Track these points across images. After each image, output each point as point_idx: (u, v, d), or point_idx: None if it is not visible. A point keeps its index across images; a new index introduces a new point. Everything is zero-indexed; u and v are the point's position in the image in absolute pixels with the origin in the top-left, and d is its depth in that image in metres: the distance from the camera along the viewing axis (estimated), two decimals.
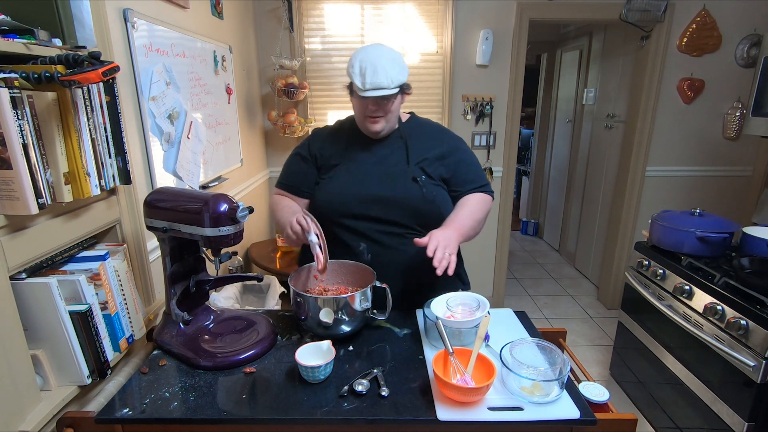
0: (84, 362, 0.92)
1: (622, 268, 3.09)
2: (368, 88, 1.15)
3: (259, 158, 2.77)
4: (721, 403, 1.56)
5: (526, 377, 0.87)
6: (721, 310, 1.55)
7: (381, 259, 1.24)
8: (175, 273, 1.08)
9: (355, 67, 1.17)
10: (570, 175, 4.01)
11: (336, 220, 1.24)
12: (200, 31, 1.85)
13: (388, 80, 1.15)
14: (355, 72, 1.17)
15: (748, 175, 2.92)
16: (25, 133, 0.77)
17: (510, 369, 0.89)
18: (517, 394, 0.89)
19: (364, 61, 1.16)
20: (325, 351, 0.97)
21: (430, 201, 1.24)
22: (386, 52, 1.19)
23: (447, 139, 1.34)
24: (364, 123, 1.25)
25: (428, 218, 1.24)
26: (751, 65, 2.70)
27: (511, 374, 0.89)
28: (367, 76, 1.15)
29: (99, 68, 0.81)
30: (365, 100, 1.19)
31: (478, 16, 2.70)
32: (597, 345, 2.78)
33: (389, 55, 1.18)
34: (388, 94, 1.16)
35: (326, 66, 2.79)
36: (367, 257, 1.24)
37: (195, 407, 0.87)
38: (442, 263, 1.03)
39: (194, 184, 1.70)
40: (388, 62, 1.17)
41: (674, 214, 1.93)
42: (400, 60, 1.20)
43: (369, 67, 1.16)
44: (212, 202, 0.96)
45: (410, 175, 1.24)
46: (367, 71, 1.15)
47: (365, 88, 1.15)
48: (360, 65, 1.16)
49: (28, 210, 0.78)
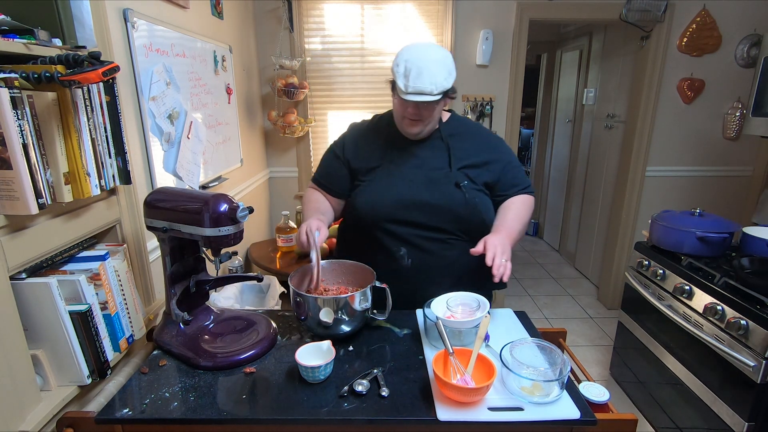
0: (84, 362, 0.92)
1: (622, 268, 3.09)
2: (410, 91, 1.10)
3: (259, 158, 2.77)
4: (721, 403, 1.56)
5: (526, 377, 0.87)
6: (721, 310, 1.55)
7: (422, 264, 1.23)
8: (175, 273, 1.08)
9: (401, 66, 1.11)
10: (570, 175, 4.01)
11: (377, 225, 1.23)
12: (200, 31, 1.85)
13: (432, 86, 1.09)
14: (400, 72, 1.11)
15: (748, 175, 2.92)
16: (25, 133, 0.77)
17: (510, 369, 0.89)
18: (517, 394, 0.89)
19: (410, 62, 1.10)
20: (325, 351, 0.97)
21: (473, 207, 1.21)
22: (435, 53, 1.12)
23: (491, 142, 1.31)
24: (401, 124, 1.22)
25: (470, 224, 1.22)
26: (751, 65, 2.70)
27: (511, 374, 0.89)
28: (410, 79, 1.10)
29: (99, 68, 0.81)
30: (405, 102, 1.14)
31: (478, 16, 2.70)
32: (597, 345, 2.78)
33: (438, 56, 1.12)
34: (430, 101, 1.11)
35: (326, 66, 2.79)
36: (408, 262, 1.22)
37: (195, 407, 0.87)
38: (500, 270, 1.02)
39: (194, 184, 1.70)
40: (435, 65, 1.10)
41: (674, 214, 1.93)
42: (449, 63, 1.13)
43: (414, 69, 1.09)
44: (212, 202, 0.96)
45: (453, 180, 1.21)
46: (411, 73, 1.09)
47: (407, 91, 1.10)
48: (405, 65, 1.10)
49: (28, 210, 0.78)
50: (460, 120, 1.35)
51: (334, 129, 2.92)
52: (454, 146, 1.25)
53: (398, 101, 1.18)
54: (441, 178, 1.22)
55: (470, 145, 1.27)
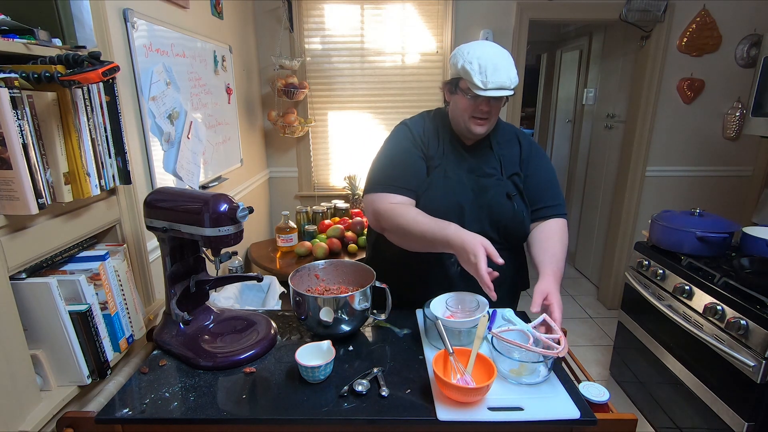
0: (84, 362, 0.92)
1: (622, 268, 3.09)
2: (490, 87, 1.09)
3: (259, 158, 2.77)
4: (721, 403, 1.56)
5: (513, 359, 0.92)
6: (721, 310, 1.55)
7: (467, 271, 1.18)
8: (175, 273, 1.08)
9: (474, 64, 1.10)
10: (570, 175, 4.01)
11: None
12: (200, 31, 1.85)
13: (509, 80, 1.10)
14: (474, 69, 1.09)
15: (748, 175, 2.92)
16: (25, 133, 0.77)
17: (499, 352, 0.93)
18: (507, 377, 0.93)
19: (482, 58, 1.09)
20: (325, 351, 0.97)
21: (520, 220, 1.20)
22: (501, 49, 1.14)
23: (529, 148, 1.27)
24: (468, 124, 1.17)
25: (515, 235, 1.22)
26: (751, 65, 2.70)
27: (500, 357, 0.93)
28: (488, 75, 1.08)
29: (99, 68, 0.81)
30: (478, 100, 1.13)
31: (478, 16, 2.70)
32: (597, 345, 2.78)
33: (504, 52, 1.13)
34: (509, 95, 1.11)
35: (326, 66, 2.79)
36: (456, 269, 1.18)
37: (195, 407, 0.87)
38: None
39: (194, 184, 1.70)
40: (506, 61, 1.11)
41: (674, 214, 1.93)
42: (511, 58, 1.14)
43: (490, 66, 1.09)
44: (212, 202, 0.96)
45: (504, 189, 1.20)
46: (488, 69, 1.08)
47: (486, 87, 1.09)
48: (480, 62, 1.09)
49: (28, 210, 0.78)
50: (507, 126, 1.32)
51: (334, 129, 2.92)
52: (502, 152, 1.24)
53: (467, 101, 1.15)
54: (491, 186, 1.20)
55: (513, 151, 1.25)
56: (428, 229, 1.08)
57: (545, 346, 0.95)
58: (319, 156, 2.98)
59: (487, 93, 1.09)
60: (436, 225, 1.08)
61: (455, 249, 1.03)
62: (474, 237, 1.02)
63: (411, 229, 1.10)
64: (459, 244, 1.02)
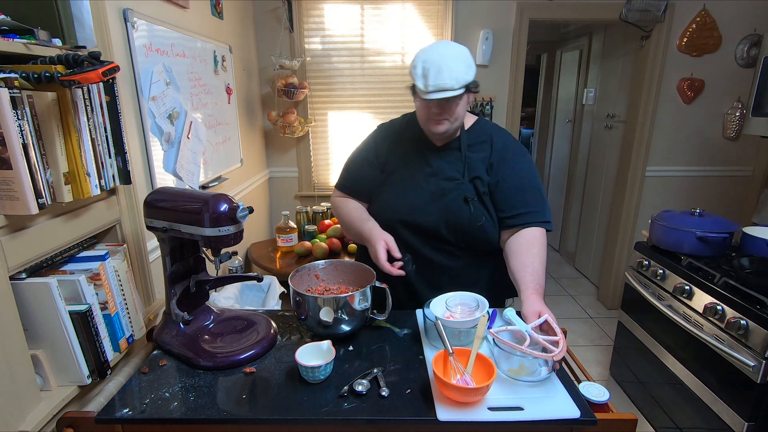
0: (84, 362, 0.92)
1: (622, 268, 3.09)
2: (431, 90, 1.08)
3: (259, 158, 2.77)
4: (721, 403, 1.56)
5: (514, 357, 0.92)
6: (721, 310, 1.55)
7: (425, 272, 1.23)
8: (175, 273, 1.08)
9: (418, 68, 1.10)
10: (570, 175, 4.01)
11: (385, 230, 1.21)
12: (200, 31, 1.85)
13: (453, 80, 1.07)
14: (418, 74, 1.10)
15: (748, 175, 2.92)
16: (25, 133, 0.77)
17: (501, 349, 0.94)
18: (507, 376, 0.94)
19: (427, 62, 1.09)
20: (325, 351, 0.97)
21: (477, 226, 1.18)
22: (452, 49, 1.11)
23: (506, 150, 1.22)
24: (427, 125, 1.19)
25: (473, 239, 1.21)
26: (751, 65, 2.70)
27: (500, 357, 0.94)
28: (429, 78, 1.08)
29: (99, 68, 0.81)
30: (428, 103, 1.13)
31: (478, 16, 2.70)
32: (597, 345, 2.78)
33: (455, 51, 1.11)
34: (453, 96, 1.09)
35: (326, 66, 2.79)
36: (412, 269, 1.19)
37: (195, 407, 0.87)
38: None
39: (194, 184, 1.70)
40: (453, 60, 1.09)
41: (674, 214, 1.93)
42: (466, 56, 1.11)
43: (432, 68, 1.08)
44: (212, 202, 0.96)
45: (463, 193, 1.18)
46: (430, 72, 1.08)
47: (427, 90, 1.08)
48: (423, 66, 1.09)
49: (28, 210, 0.78)
50: (484, 126, 1.28)
51: (334, 129, 2.92)
52: (472, 156, 1.22)
53: (420, 103, 1.16)
54: (450, 190, 1.20)
55: (485, 155, 1.22)
56: (354, 223, 1.25)
57: (543, 348, 0.94)
58: (319, 156, 2.98)
59: (428, 96, 1.08)
60: (359, 220, 1.23)
61: (367, 243, 1.18)
62: (379, 234, 1.16)
63: (344, 221, 1.30)
64: (368, 238, 1.17)
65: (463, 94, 1.12)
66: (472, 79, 1.11)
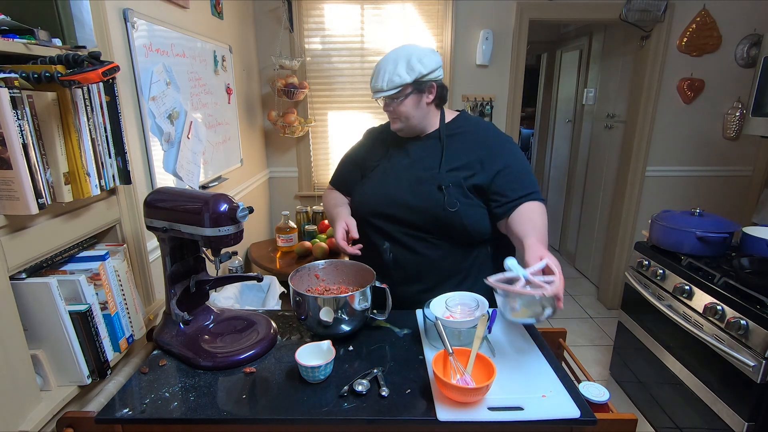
0: (84, 362, 0.92)
1: (622, 268, 3.09)
2: (373, 91, 1.22)
3: (259, 158, 2.77)
4: (721, 403, 1.56)
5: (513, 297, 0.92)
6: (721, 310, 1.55)
7: (403, 260, 1.26)
8: (175, 273, 1.08)
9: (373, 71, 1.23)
10: (570, 175, 4.01)
11: (366, 219, 1.27)
12: (200, 31, 1.85)
13: (383, 82, 1.16)
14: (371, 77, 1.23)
15: (748, 175, 2.92)
16: (25, 133, 0.77)
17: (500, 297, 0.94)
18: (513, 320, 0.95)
19: (376, 65, 1.21)
20: (325, 351, 0.97)
21: (452, 212, 1.18)
22: (397, 51, 1.19)
23: (490, 142, 1.24)
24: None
25: (450, 228, 1.20)
26: (751, 65, 2.70)
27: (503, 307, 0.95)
28: (373, 80, 1.20)
29: (99, 68, 0.81)
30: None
31: (478, 16, 2.70)
32: (597, 345, 2.78)
33: (398, 54, 1.18)
34: (384, 96, 1.19)
35: (326, 66, 2.79)
36: (389, 256, 1.26)
37: (195, 407, 0.87)
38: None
39: (194, 184, 1.70)
40: (391, 63, 1.17)
41: (674, 214, 1.93)
42: (410, 57, 1.16)
43: (376, 70, 1.20)
44: (212, 202, 0.96)
45: (437, 182, 1.19)
46: (374, 75, 1.20)
47: (372, 92, 1.22)
48: (374, 69, 1.22)
49: (28, 210, 0.78)
50: (467, 119, 1.30)
51: (334, 129, 2.92)
52: (451, 146, 1.24)
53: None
54: (427, 179, 1.22)
55: (468, 145, 1.24)
56: (329, 210, 1.37)
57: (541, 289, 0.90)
58: (319, 156, 2.98)
59: (373, 96, 1.22)
60: (333, 206, 1.34)
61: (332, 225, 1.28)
62: (342, 218, 1.23)
63: (324, 208, 1.45)
64: (332, 220, 1.28)
65: (409, 94, 1.18)
66: (413, 80, 1.16)
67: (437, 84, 1.21)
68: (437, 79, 1.20)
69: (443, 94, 1.24)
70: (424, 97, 1.21)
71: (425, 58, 1.17)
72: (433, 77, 1.19)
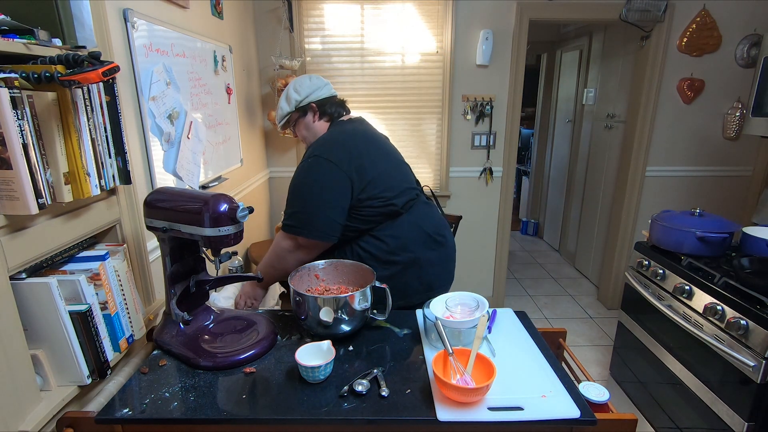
0: (84, 362, 0.92)
1: (622, 268, 3.09)
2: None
3: (259, 158, 2.77)
4: (721, 403, 1.56)
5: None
6: (721, 310, 1.55)
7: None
8: (175, 273, 1.08)
9: None
10: (570, 175, 4.01)
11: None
12: (200, 31, 1.85)
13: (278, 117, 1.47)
14: None
15: (748, 175, 2.92)
16: (25, 133, 0.77)
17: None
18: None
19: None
20: (325, 351, 0.97)
21: None
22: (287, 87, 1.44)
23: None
24: None
25: None
26: (751, 65, 2.70)
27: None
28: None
29: (99, 68, 0.81)
30: None
31: (478, 16, 2.70)
32: (597, 345, 2.78)
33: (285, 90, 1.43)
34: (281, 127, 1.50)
35: (326, 66, 2.79)
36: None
37: (195, 407, 0.87)
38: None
39: (194, 184, 1.70)
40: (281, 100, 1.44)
41: (674, 214, 1.93)
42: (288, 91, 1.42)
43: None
44: (212, 202, 0.96)
45: None
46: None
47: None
48: None
49: (28, 210, 0.78)
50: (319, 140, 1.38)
51: None
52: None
53: None
54: None
55: None
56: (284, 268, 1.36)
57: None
58: None
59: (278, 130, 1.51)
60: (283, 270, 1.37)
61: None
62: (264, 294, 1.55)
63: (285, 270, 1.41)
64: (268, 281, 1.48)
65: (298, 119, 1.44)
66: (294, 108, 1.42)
67: (316, 103, 1.41)
68: (316, 99, 1.40)
69: (326, 111, 1.42)
70: (309, 117, 1.42)
71: (299, 86, 1.40)
72: (310, 99, 1.40)
